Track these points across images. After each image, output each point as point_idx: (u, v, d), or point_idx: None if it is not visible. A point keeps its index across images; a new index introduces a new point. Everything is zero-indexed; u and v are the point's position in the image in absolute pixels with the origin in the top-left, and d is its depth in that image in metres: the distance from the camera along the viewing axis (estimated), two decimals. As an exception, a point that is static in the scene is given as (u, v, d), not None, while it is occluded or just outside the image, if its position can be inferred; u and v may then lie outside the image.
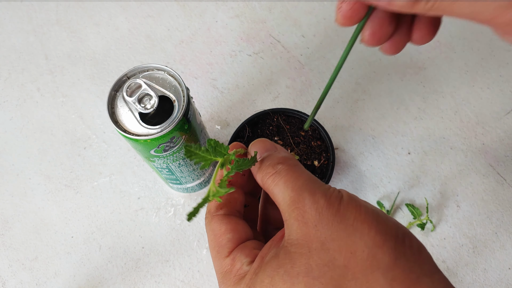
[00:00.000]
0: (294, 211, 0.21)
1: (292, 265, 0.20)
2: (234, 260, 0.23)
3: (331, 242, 0.20)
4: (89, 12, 0.64)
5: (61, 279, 0.48)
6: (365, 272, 0.19)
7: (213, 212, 0.25)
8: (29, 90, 0.59)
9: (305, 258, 0.20)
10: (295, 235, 0.21)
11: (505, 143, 0.51)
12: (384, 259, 0.19)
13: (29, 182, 0.53)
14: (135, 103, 0.35)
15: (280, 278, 0.20)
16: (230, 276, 0.23)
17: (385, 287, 0.18)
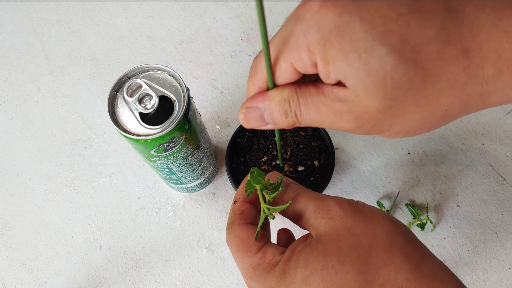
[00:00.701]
0: (319, 213, 0.26)
1: (324, 248, 0.24)
2: (265, 253, 0.26)
3: (356, 228, 0.24)
4: (89, 12, 0.64)
5: (61, 279, 0.48)
6: (385, 249, 0.24)
7: (237, 222, 0.28)
8: (29, 90, 0.59)
9: (335, 241, 0.24)
10: (323, 229, 0.25)
11: (505, 143, 0.51)
12: (399, 240, 0.24)
13: (29, 182, 0.53)
14: (135, 103, 0.35)
15: (315, 259, 0.24)
16: (262, 266, 0.26)
17: (403, 260, 0.23)
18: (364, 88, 0.23)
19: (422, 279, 0.22)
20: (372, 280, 0.23)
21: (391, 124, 0.25)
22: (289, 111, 0.26)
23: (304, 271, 0.24)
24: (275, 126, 0.27)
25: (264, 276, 0.26)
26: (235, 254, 0.28)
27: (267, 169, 0.44)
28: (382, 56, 0.22)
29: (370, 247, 0.24)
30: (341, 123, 0.25)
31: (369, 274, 0.23)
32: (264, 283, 0.25)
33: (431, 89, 0.23)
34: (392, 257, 0.23)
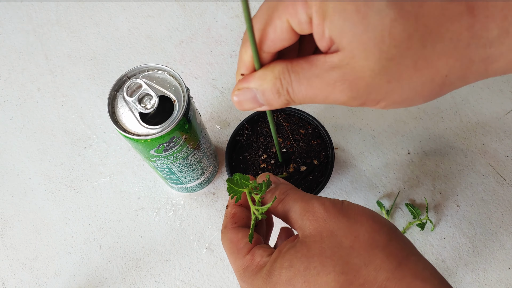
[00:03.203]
0: (305, 215, 0.27)
1: (308, 250, 0.25)
2: (254, 256, 0.27)
3: (338, 230, 0.25)
4: (89, 12, 0.64)
5: (61, 279, 0.48)
6: (367, 249, 0.24)
7: (229, 226, 0.30)
8: (29, 90, 0.59)
9: (318, 243, 0.25)
10: (308, 230, 0.26)
11: (505, 143, 0.51)
12: (381, 240, 0.24)
13: (29, 182, 0.53)
14: (135, 103, 0.35)
15: (298, 260, 0.25)
16: (251, 268, 0.27)
17: (383, 260, 0.23)
18: (361, 46, 0.21)
19: (403, 278, 0.23)
20: (353, 280, 0.23)
21: (387, 91, 0.23)
22: (281, 89, 0.25)
23: (288, 272, 0.25)
24: (269, 106, 0.26)
25: (253, 277, 0.27)
26: (228, 256, 0.29)
27: (265, 167, 0.44)
28: (381, 9, 0.21)
29: (351, 248, 0.24)
30: (335, 95, 0.24)
31: (350, 275, 0.23)
32: (253, 284, 0.26)
33: (431, 49, 0.21)
34: (373, 257, 0.24)
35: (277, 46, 0.25)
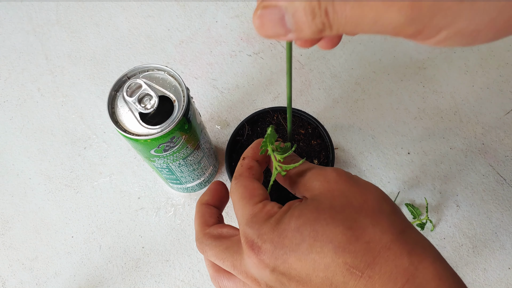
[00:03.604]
0: (317, 177, 0.28)
1: (318, 204, 0.26)
2: (265, 205, 0.28)
3: (349, 192, 0.27)
4: (89, 12, 0.64)
5: (61, 279, 0.48)
6: (374, 212, 0.25)
7: (245, 175, 0.30)
8: (29, 90, 0.59)
9: (329, 200, 0.26)
10: (318, 190, 0.27)
11: (505, 143, 0.51)
12: (387, 209, 0.26)
13: (29, 182, 0.53)
14: (135, 103, 0.35)
15: (309, 211, 0.26)
16: (260, 215, 0.27)
17: (389, 224, 0.25)
18: None
19: (405, 243, 0.24)
20: (359, 237, 0.24)
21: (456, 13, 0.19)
22: (317, 9, 0.20)
23: (298, 221, 0.26)
24: (298, 33, 0.21)
25: (260, 223, 0.27)
26: (237, 202, 0.29)
27: None
28: None
29: (360, 209, 0.26)
30: (390, 14, 0.19)
31: (357, 231, 0.24)
32: (259, 230, 0.27)
33: None
34: (380, 220, 0.25)
35: None
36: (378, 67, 0.57)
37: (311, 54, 0.58)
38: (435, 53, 0.57)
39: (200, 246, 0.30)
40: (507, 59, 0.57)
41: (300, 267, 0.25)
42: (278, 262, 0.26)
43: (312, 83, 0.56)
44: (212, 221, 0.32)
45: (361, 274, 0.23)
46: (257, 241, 0.26)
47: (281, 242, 0.26)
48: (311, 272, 0.25)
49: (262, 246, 0.26)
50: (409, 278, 0.23)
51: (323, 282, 0.24)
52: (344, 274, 0.24)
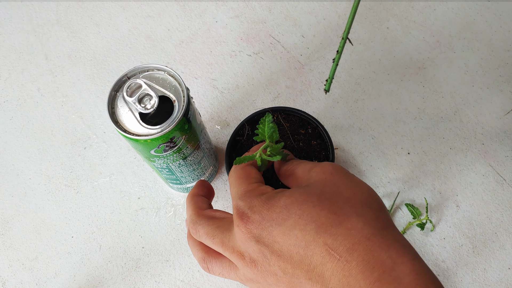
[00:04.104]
0: (313, 169, 0.30)
1: (310, 188, 0.28)
2: (259, 185, 0.30)
3: (341, 184, 0.28)
4: (89, 12, 0.64)
5: (61, 279, 0.48)
6: (362, 205, 0.27)
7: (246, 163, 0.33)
8: (29, 90, 0.59)
9: (321, 187, 0.28)
10: (313, 179, 0.29)
11: (505, 143, 0.51)
12: (374, 205, 0.27)
13: (29, 182, 0.53)
14: (135, 103, 0.35)
15: (299, 193, 0.28)
16: (254, 192, 0.29)
17: (373, 218, 0.26)
18: None
19: (386, 238, 0.25)
20: (342, 222, 0.25)
21: None
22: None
23: (287, 199, 0.27)
24: None
25: (252, 197, 0.29)
26: (234, 182, 0.31)
27: None
28: None
29: (349, 199, 0.27)
30: None
31: (341, 217, 0.26)
32: (250, 203, 0.28)
33: None
34: (365, 213, 0.26)
35: None
36: (378, 67, 0.57)
37: (311, 54, 0.58)
38: (435, 53, 0.57)
39: (194, 226, 0.31)
40: (507, 59, 0.57)
41: (283, 241, 0.26)
42: (264, 233, 0.27)
43: (312, 83, 0.56)
44: (205, 206, 0.33)
45: (339, 257, 0.24)
46: (247, 211, 0.28)
47: (269, 215, 0.27)
48: (292, 248, 0.26)
49: (251, 216, 0.27)
50: (386, 270, 0.23)
51: (302, 260, 0.25)
52: (323, 254, 0.25)
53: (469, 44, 0.58)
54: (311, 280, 0.25)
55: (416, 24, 0.59)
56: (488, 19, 0.59)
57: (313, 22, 0.60)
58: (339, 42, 0.58)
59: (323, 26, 0.60)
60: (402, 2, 0.61)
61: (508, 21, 0.59)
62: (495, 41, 0.58)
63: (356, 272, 0.24)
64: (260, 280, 0.28)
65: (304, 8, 0.61)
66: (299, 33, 0.60)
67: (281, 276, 0.26)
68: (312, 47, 0.59)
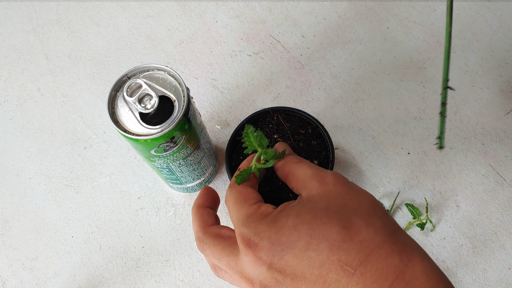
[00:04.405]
0: (315, 177, 0.30)
1: (315, 204, 0.28)
2: (260, 206, 0.30)
3: (345, 195, 0.28)
4: (89, 12, 0.64)
5: (61, 279, 0.48)
6: (369, 214, 0.27)
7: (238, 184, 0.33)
8: (29, 90, 0.59)
9: (326, 200, 0.28)
10: (316, 191, 0.29)
11: (505, 143, 0.51)
12: (380, 212, 0.28)
13: (29, 182, 0.53)
14: (135, 103, 0.35)
15: (305, 211, 0.27)
16: (256, 215, 0.29)
17: (382, 226, 0.26)
18: None
19: (396, 243, 0.25)
20: (354, 236, 0.25)
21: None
22: None
23: (295, 219, 0.27)
24: None
25: (256, 223, 0.28)
26: (232, 207, 0.30)
27: None
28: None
29: (355, 210, 0.27)
30: None
31: (352, 230, 0.26)
32: (255, 228, 0.28)
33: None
34: (373, 222, 0.26)
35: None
36: (378, 67, 0.57)
37: (311, 54, 0.58)
38: (435, 53, 0.57)
39: (200, 245, 0.31)
40: (507, 59, 0.57)
41: (296, 264, 0.26)
42: (275, 259, 0.26)
43: (312, 83, 0.56)
44: (210, 221, 0.33)
45: (354, 271, 0.24)
46: (254, 238, 0.27)
47: (278, 239, 0.26)
48: (306, 269, 0.25)
49: (259, 243, 0.27)
50: (398, 275, 0.24)
51: (317, 279, 0.25)
52: (338, 271, 0.25)
53: (469, 44, 0.58)
54: None
55: (416, 24, 0.59)
56: (488, 19, 0.59)
57: (313, 22, 0.60)
58: (339, 42, 0.58)
59: (323, 26, 0.60)
60: (402, 2, 0.61)
61: (508, 21, 0.59)
62: (495, 41, 0.58)
63: (371, 282, 0.24)
64: None
65: (304, 8, 0.61)
66: (299, 33, 0.60)
67: None
68: (312, 47, 0.59)
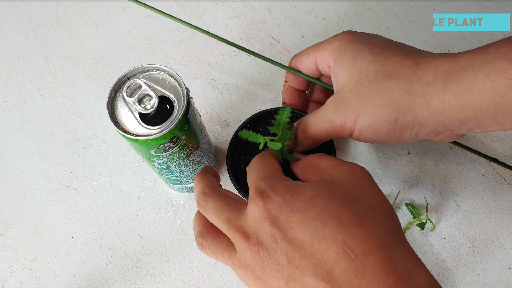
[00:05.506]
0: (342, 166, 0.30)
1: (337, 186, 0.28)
2: (282, 174, 0.31)
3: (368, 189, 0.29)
4: (88, 12, 0.64)
5: (61, 279, 0.48)
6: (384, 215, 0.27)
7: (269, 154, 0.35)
8: (29, 91, 0.59)
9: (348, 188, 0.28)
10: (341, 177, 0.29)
11: (505, 143, 0.51)
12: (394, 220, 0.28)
13: (29, 182, 0.53)
14: (135, 104, 0.35)
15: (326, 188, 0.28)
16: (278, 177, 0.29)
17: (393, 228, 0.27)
18: (348, 76, 0.34)
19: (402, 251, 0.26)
20: (364, 225, 0.25)
21: (359, 110, 0.33)
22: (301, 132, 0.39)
23: (313, 191, 0.27)
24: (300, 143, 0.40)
25: (275, 180, 0.28)
26: (257, 168, 0.31)
27: None
28: (365, 55, 0.34)
29: (373, 206, 0.27)
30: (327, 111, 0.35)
31: (364, 221, 0.26)
32: (273, 184, 0.28)
33: (389, 82, 0.32)
34: (387, 223, 0.26)
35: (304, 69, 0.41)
36: (378, 67, 0.57)
37: (310, 54, 0.58)
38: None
39: (204, 198, 0.31)
40: (506, 59, 0.57)
41: (300, 229, 0.25)
42: (282, 216, 0.26)
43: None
44: (218, 184, 0.33)
45: (354, 258, 0.24)
46: (269, 192, 0.27)
47: (291, 200, 0.27)
48: (307, 238, 0.25)
49: (273, 196, 0.27)
50: (401, 278, 0.24)
51: (314, 253, 0.25)
52: (338, 251, 0.24)
53: (469, 44, 0.58)
54: (316, 275, 0.24)
55: (416, 24, 0.59)
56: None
57: (312, 22, 0.60)
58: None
59: (323, 26, 0.60)
60: (402, 2, 0.61)
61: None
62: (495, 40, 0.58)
63: (370, 276, 0.23)
64: (256, 267, 0.26)
65: (304, 8, 0.61)
66: (299, 33, 0.60)
67: (283, 266, 0.25)
68: (312, 47, 0.59)
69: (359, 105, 0.33)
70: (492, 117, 0.30)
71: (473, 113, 0.30)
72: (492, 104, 0.29)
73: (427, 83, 0.31)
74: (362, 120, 0.33)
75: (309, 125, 0.37)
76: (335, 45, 0.36)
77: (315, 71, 0.40)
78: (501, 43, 0.30)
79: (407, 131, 0.33)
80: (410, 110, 0.32)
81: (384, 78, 0.32)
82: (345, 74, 0.34)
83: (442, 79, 0.30)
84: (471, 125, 0.32)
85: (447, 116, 0.31)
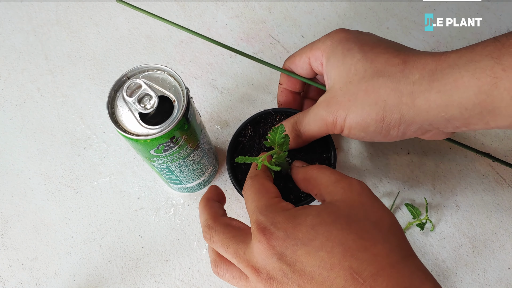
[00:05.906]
0: (340, 183, 0.30)
1: (337, 209, 0.28)
2: (280, 201, 0.30)
3: (368, 206, 0.28)
4: (89, 12, 0.64)
5: (61, 279, 0.48)
6: (388, 231, 0.27)
7: (262, 175, 0.34)
8: (29, 90, 0.59)
9: (348, 208, 0.28)
10: (340, 196, 0.29)
11: (504, 143, 0.51)
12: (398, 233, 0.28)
13: (29, 182, 0.53)
14: (135, 103, 0.35)
15: (326, 213, 0.28)
16: (276, 207, 0.29)
17: (397, 246, 0.26)
18: (338, 74, 0.35)
19: (409, 266, 0.26)
20: (369, 248, 0.25)
21: (348, 108, 0.34)
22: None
23: (314, 219, 0.27)
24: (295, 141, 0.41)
25: (275, 213, 0.28)
26: (252, 196, 0.31)
27: None
28: (354, 54, 0.34)
29: (375, 224, 0.27)
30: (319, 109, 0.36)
31: (368, 242, 0.26)
32: (274, 218, 0.28)
33: (377, 80, 0.33)
34: (391, 239, 0.26)
35: (297, 70, 0.41)
36: (378, 67, 0.57)
37: (311, 54, 0.58)
38: (435, 53, 0.57)
39: (209, 232, 0.31)
40: (507, 59, 0.57)
41: (307, 261, 0.26)
42: (288, 251, 0.26)
43: (312, 83, 0.56)
44: (221, 212, 0.33)
45: (363, 282, 0.24)
46: (270, 227, 0.27)
47: (294, 233, 0.27)
48: (315, 268, 0.25)
49: (275, 232, 0.27)
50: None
51: (324, 281, 0.25)
52: (347, 278, 0.24)
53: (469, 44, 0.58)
54: None
55: (416, 24, 0.59)
56: (488, 19, 0.59)
57: (313, 22, 0.60)
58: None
59: (323, 26, 0.60)
60: (402, 2, 0.61)
61: (508, 21, 0.59)
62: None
63: None
64: None
65: (304, 8, 0.61)
66: (299, 33, 0.60)
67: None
68: (312, 47, 0.59)
69: (348, 103, 0.34)
70: (477, 115, 0.30)
71: (458, 111, 0.30)
72: (477, 102, 0.29)
73: (413, 82, 0.31)
74: (351, 118, 0.34)
75: (302, 123, 0.38)
76: (328, 43, 0.37)
77: (309, 70, 0.40)
78: (487, 42, 0.30)
79: (394, 129, 0.33)
80: (397, 109, 0.32)
81: (373, 77, 0.33)
82: (335, 72, 0.35)
83: (429, 78, 0.31)
84: (457, 123, 0.32)
85: (432, 114, 0.31)
